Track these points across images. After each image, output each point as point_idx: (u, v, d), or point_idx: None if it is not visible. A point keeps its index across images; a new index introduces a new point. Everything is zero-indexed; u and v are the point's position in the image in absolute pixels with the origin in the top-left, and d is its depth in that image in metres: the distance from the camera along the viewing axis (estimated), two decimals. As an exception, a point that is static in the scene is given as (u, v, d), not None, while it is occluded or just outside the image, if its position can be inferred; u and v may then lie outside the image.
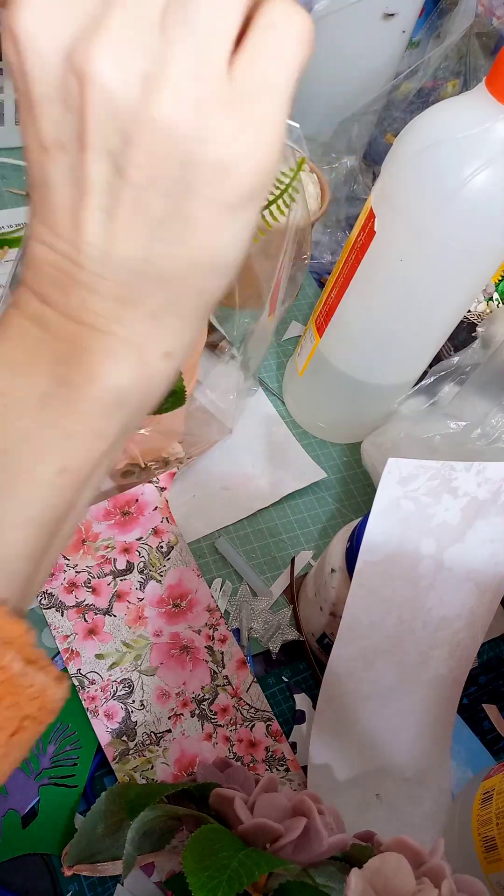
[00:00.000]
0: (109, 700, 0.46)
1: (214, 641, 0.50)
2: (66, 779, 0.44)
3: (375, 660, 0.46)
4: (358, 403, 0.61)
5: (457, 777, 0.49)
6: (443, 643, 0.47)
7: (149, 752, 0.45)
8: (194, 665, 0.49)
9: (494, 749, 0.51)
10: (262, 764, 0.47)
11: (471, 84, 0.72)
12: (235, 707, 0.48)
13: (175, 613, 0.51)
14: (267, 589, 0.54)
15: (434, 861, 0.34)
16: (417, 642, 0.46)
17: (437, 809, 0.48)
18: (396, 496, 0.42)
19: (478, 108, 0.42)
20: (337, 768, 0.47)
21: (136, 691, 0.47)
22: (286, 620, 0.53)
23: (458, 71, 0.73)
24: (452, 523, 0.43)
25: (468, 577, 0.45)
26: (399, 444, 0.57)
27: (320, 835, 0.35)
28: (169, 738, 0.46)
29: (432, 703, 0.49)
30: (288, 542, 0.58)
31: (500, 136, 0.42)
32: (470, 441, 0.55)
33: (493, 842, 0.41)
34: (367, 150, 0.81)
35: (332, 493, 0.62)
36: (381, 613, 0.44)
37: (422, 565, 0.44)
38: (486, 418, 0.55)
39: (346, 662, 0.46)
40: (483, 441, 0.55)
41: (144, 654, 0.48)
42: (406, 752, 0.48)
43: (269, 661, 0.52)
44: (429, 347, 0.57)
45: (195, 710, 0.47)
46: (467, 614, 0.46)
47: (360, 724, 0.48)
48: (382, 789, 0.47)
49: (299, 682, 0.51)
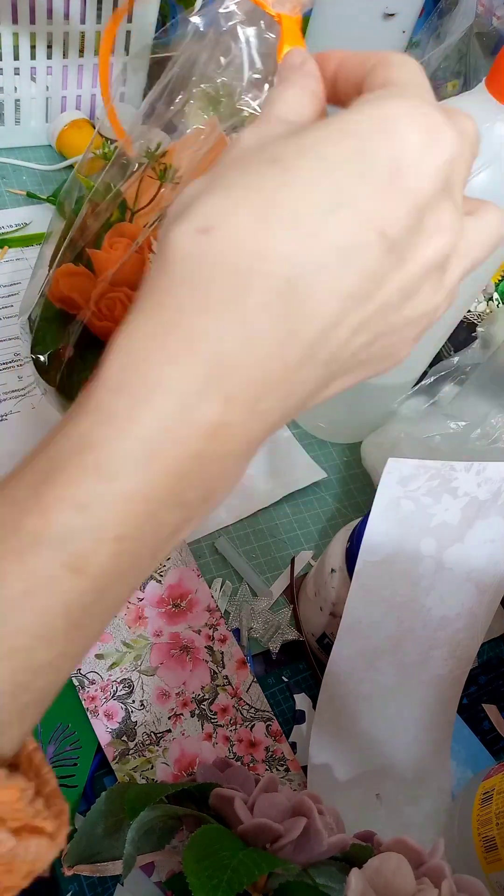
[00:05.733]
0: (109, 700, 0.46)
1: (214, 641, 0.50)
2: (66, 779, 0.44)
3: (375, 660, 0.46)
4: (358, 403, 0.61)
5: (457, 777, 0.49)
6: (443, 643, 0.47)
7: (149, 751, 0.45)
8: (194, 665, 0.49)
9: (494, 749, 0.51)
10: (262, 764, 0.47)
11: (471, 84, 0.72)
12: (235, 707, 0.48)
13: (175, 613, 0.51)
14: (267, 589, 0.54)
15: (434, 861, 0.34)
16: (417, 642, 0.46)
17: (437, 809, 0.48)
18: (396, 496, 0.42)
19: (478, 108, 0.42)
20: (337, 768, 0.47)
21: (136, 691, 0.47)
22: (286, 620, 0.53)
23: (459, 71, 0.73)
24: (452, 523, 0.43)
25: (468, 578, 0.45)
26: (399, 444, 0.57)
27: (320, 835, 0.35)
28: (169, 738, 0.46)
29: (432, 703, 0.49)
30: (288, 542, 0.58)
31: (501, 136, 0.42)
32: (470, 441, 0.55)
33: (493, 842, 0.41)
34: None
35: (332, 493, 0.62)
36: (381, 613, 0.44)
37: (422, 565, 0.44)
38: (486, 418, 0.55)
39: (346, 662, 0.46)
40: (483, 441, 0.55)
41: (144, 654, 0.48)
42: (406, 752, 0.48)
43: (269, 661, 0.52)
44: (428, 347, 0.57)
45: (195, 710, 0.47)
46: (467, 614, 0.46)
47: (360, 724, 0.48)
48: (382, 789, 0.47)
49: (299, 682, 0.51)
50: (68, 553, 0.18)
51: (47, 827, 0.20)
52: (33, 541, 0.18)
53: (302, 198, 0.18)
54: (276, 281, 0.18)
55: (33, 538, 0.18)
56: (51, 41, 0.69)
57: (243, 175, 0.19)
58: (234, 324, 0.18)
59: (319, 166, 0.18)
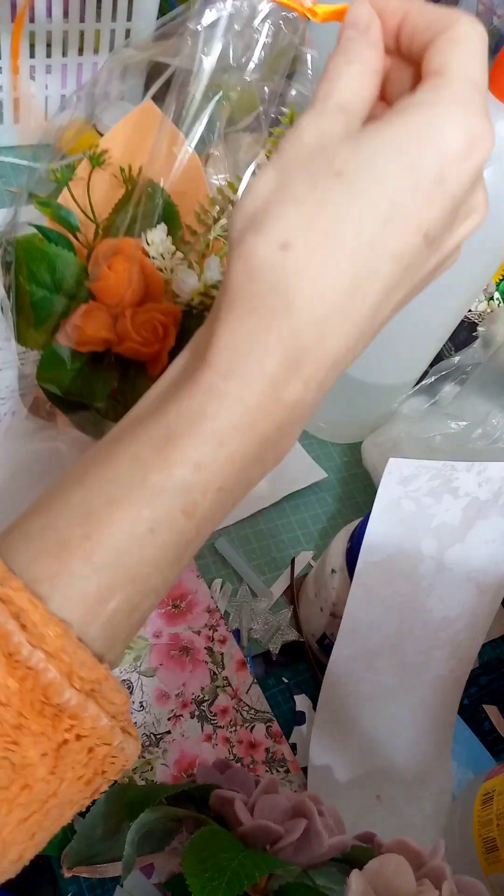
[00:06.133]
0: (109, 701, 0.46)
1: (214, 642, 0.50)
2: (66, 780, 0.43)
3: (376, 660, 0.46)
4: (358, 403, 0.60)
5: (457, 778, 0.49)
6: (443, 644, 0.47)
7: (148, 753, 0.45)
8: (194, 666, 0.49)
9: (495, 750, 0.51)
10: (262, 765, 0.46)
11: (471, 83, 0.72)
12: (235, 708, 0.48)
13: (174, 614, 0.50)
14: (267, 590, 0.54)
15: (434, 862, 0.34)
16: (418, 643, 0.46)
17: (437, 810, 0.47)
18: (397, 496, 0.42)
19: (478, 106, 0.42)
20: (337, 769, 0.47)
21: (135, 692, 0.47)
22: (286, 621, 0.53)
23: (459, 70, 0.73)
24: (453, 523, 0.43)
25: (469, 578, 0.45)
26: (399, 444, 0.57)
27: (320, 836, 0.35)
28: (168, 740, 0.46)
29: (433, 703, 0.48)
30: (288, 543, 0.58)
31: (501, 135, 0.41)
32: (471, 441, 0.55)
33: (494, 843, 0.41)
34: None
35: (333, 493, 0.61)
36: (382, 614, 0.44)
37: (422, 566, 0.44)
38: (487, 418, 0.55)
39: (347, 663, 0.46)
40: (484, 441, 0.55)
41: (144, 655, 0.48)
42: (406, 753, 0.48)
43: (269, 662, 0.52)
44: (429, 347, 0.56)
45: (195, 711, 0.47)
46: (468, 615, 0.46)
47: (361, 725, 0.47)
48: (383, 790, 0.47)
49: (299, 683, 0.51)
50: (184, 501, 0.23)
51: (134, 732, 0.24)
52: (160, 491, 0.23)
53: (364, 214, 0.22)
54: (342, 287, 0.23)
55: (160, 489, 0.23)
56: (50, 40, 0.69)
57: (311, 188, 0.23)
58: (311, 324, 0.23)
59: (378, 183, 0.22)
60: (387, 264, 0.23)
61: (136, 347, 0.42)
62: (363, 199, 0.22)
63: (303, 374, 0.24)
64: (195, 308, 0.43)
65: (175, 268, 0.42)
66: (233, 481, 0.24)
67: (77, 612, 0.22)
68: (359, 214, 0.22)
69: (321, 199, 0.23)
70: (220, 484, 0.24)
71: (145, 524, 0.23)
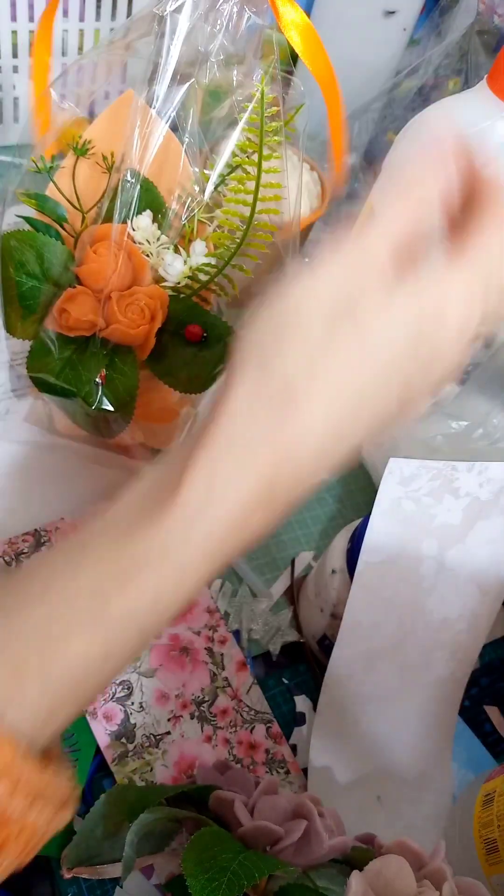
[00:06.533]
0: (108, 702, 0.46)
1: (214, 643, 0.50)
2: (66, 781, 0.43)
3: (376, 661, 0.46)
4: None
5: (458, 779, 0.49)
6: (444, 645, 0.47)
7: (148, 754, 0.45)
8: (194, 667, 0.49)
9: (496, 751, 0.51)
10: (262, 766, 0.46)
11: (472, 82, 0.72)
12: (235, 709, 0.48)
13: (175, 614, 0.50)
14: (267, 590, 0.54)
15: (435, 863, 0.34)
16: (419, 644, 0.46)
17: (438, 812, 0.47)
18: (398, 496, 0.42)
19: (479, 105, 0.42)
20: (337, 770, 0.47)
21: (135, 693, 0.47)
22: (286, 622, 0.53)
23: (460, 69, 0.73)
24: (454, 524, 0.43)
25: (470, 579, 0.45)
26: (400, 444, 0.57)
27: (321, 837, 0.35)
28: (168, 741, 0.46)
29: (433, 704, 0.48)
30: (288, 543, 0.57)
31: (502, 134, 0.41)
32: (472, 441, 0.55)
33: (495, 844, 0.41)
34: (367, 148, 0.80)
35: (333, 493, 0.61)
36: (383, 615, 0.44)
37: (423, 566, 0.44)
38: (488, 418, 0.55)
39: (347, 664, 0.46)
40: (485, 441, 0.55)
41: (143, 655, 0.48)
42: (407, 755, 0.48)
43: (269, 663, 0.52)
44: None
45: (195, 712, 0.47)
46: (469, 615, 0.46)
47: (361, 726, 0.47)
48: (383, 791, 0.47)
49: (300, 684, 0.51)
50: (140, 629, 0.25)
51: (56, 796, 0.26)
52: (117, 623, 0.25)
53: (368, 379, 0.24)
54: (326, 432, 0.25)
55: (117, 621, 0.25)
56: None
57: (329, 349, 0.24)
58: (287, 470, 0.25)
59: (389, 348, 0.24)
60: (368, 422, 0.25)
61: (122, 329, 0.42)
62: (373, 365, 0.24)
63: (273, 506, 0.25)
64: (182, 292, 0.43)
65: (160, 252, 0.43)
66: (187, 601, 0.26)
67: (26, 726, 0.24)
68: (367, 379, 0.24)
69: (337, 364, 0.24)
70: (175, 610, 0.26)
71: (101, 653, 0.25)
